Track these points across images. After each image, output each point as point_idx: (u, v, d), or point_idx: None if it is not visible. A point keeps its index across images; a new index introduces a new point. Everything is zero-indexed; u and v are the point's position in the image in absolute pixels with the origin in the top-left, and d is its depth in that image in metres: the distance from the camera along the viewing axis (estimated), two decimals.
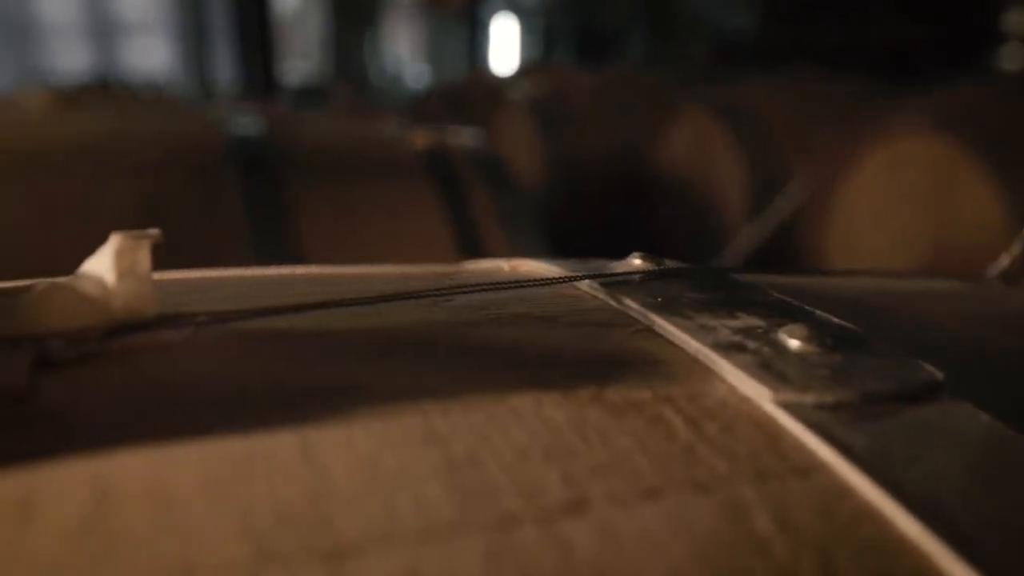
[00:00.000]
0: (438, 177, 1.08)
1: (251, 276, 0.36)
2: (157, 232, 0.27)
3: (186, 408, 0.23)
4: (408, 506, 0.20)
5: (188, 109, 1.37)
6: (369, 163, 1.09)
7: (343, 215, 0.99)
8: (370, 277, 0.36)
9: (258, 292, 0.33)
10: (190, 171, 0.98)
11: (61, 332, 0.25)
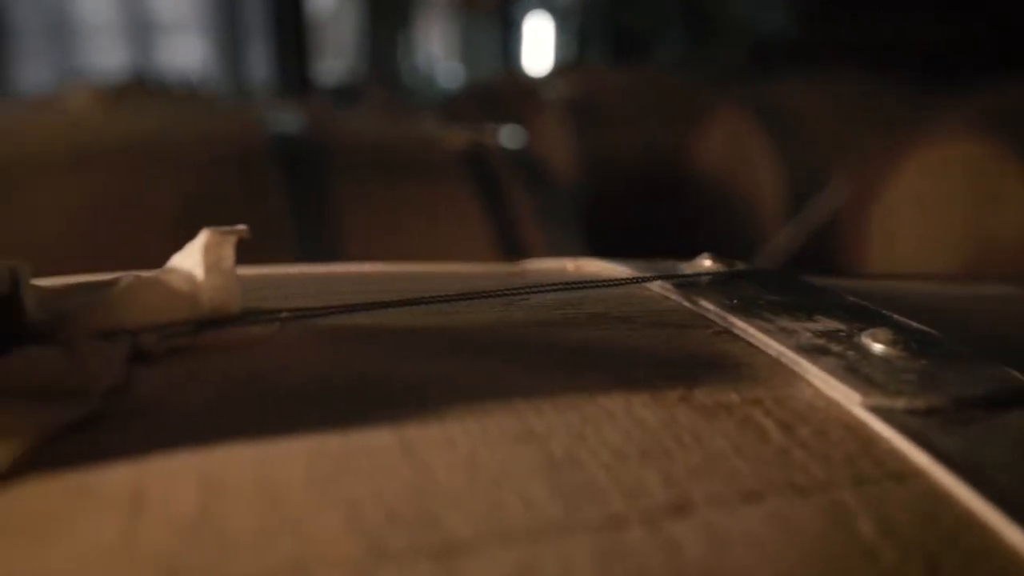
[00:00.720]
0: (477, 176, 1.08)
1: (324, 273, 0.36)
2: (244, 228, 0.27)
3: (282, 404, 0.23)
4: (515, 505, 0.19)
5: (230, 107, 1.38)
6: (409, 162, 1.10)
7: (384, 213, 1.00)
8: (442, 275, 0.36)
9: (333, 289, 0.33)
10: (234, 168, 0.99)
11: (152, 326, 0.25)
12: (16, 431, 0.20)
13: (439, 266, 0.39)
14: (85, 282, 0.29)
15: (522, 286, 0.33)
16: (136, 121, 1.07)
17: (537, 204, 1.08)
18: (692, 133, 1.68)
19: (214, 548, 0.18)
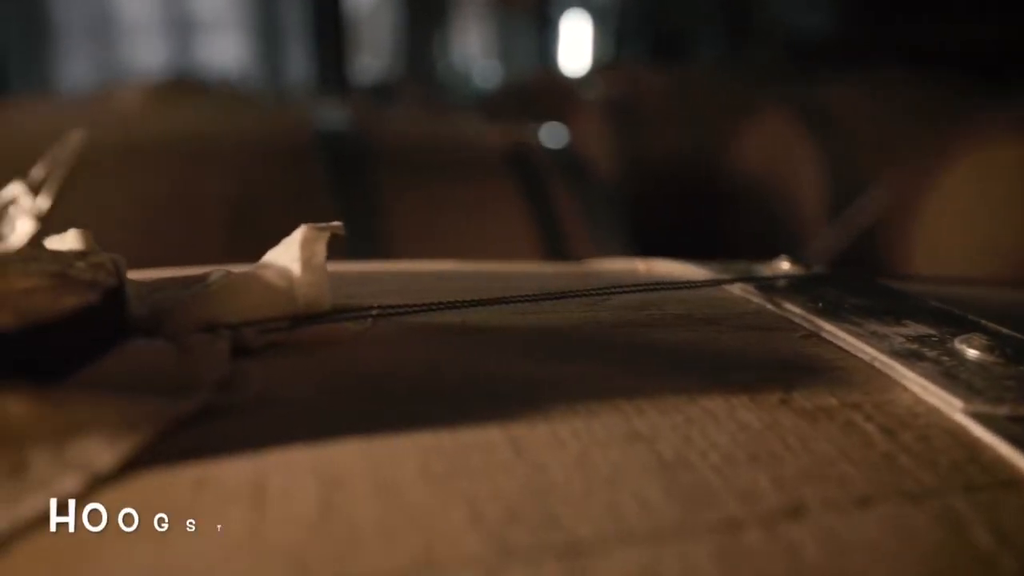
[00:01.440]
0: (521, 175, 1.08)
1: (402, 270, 0.36)
2: (340, 224, 0.28)
3: (389, 400, 0.23)
4: (631, 506, 0.19)
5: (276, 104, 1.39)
6: (453, 160, 1.10)
7: (430, 210, 1.00)
8: (518, 274, 0.36)
9: (415, 286, 0.33)
10: (282, 165, 1.00)
11: (251, 321, 0.25)
12: (134, 424, 0.20)
13: (512, 265, 0.39)
14: (172, 277, 0.29)
15: (601, 287, 0.33)
16: (185, 119, 1.08)
17: (580, 203, 1.08)
18: (732, 134, 1.67)
19: (341, 543, 0.18)
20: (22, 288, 0.23)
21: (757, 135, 1.64)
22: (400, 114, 1.49)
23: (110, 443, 0.20)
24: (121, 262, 0.26)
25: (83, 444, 0.19)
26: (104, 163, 0.96)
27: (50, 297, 0.22)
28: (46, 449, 0.19)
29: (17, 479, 0.19)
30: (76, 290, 0.23)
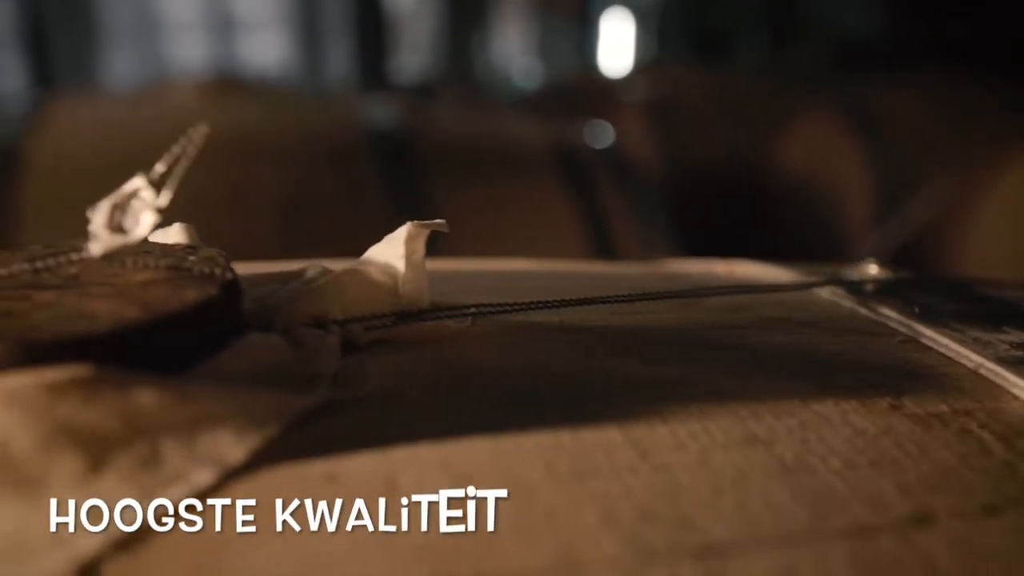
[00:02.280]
0: (568, 174, 1.08)
1: (484, 269, 0.36)
2: (443, 222, 0.28)
3: (505, 397, 0.23)
4: (762, 509, 0.19)
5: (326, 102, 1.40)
6: (501, 158, 1.10)
7: (479, 208, 1.00)
8: (604, 275, 0.36)
9: (504, 285, 0.33)
10: (332, 162, 1.00)
11: (357, 317, 0.26)
12: (260, 418, 0.20)
13: (589, 265, 0.39)
14: (267, 272, 0.30)
15: (693, 288, 0.33)
16: (238, 116, 1.08)
17: (627, 202, 1.08)
18: (776, 135, 1.66)
19: (479, 542, 0.18)
20: (140, 281, 0.23)
21: (801, 136, 1.62)
22: (447, 112, 1.49)
23: (239, 437, 0.20)
24: (226, 256, 0.26)
25: (213, 437, 0.20)
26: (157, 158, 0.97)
27: (170, 290, 0.23)
28: (177, 442, 0.19)
29: (151, 471, 0.19)
30: (194, 283, 0.23)
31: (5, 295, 0.22)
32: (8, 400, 0.19)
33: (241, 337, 0.23)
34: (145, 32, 2.64)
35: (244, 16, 2.61)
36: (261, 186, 0.96)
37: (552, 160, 1.10)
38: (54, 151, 0.98)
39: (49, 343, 0.20)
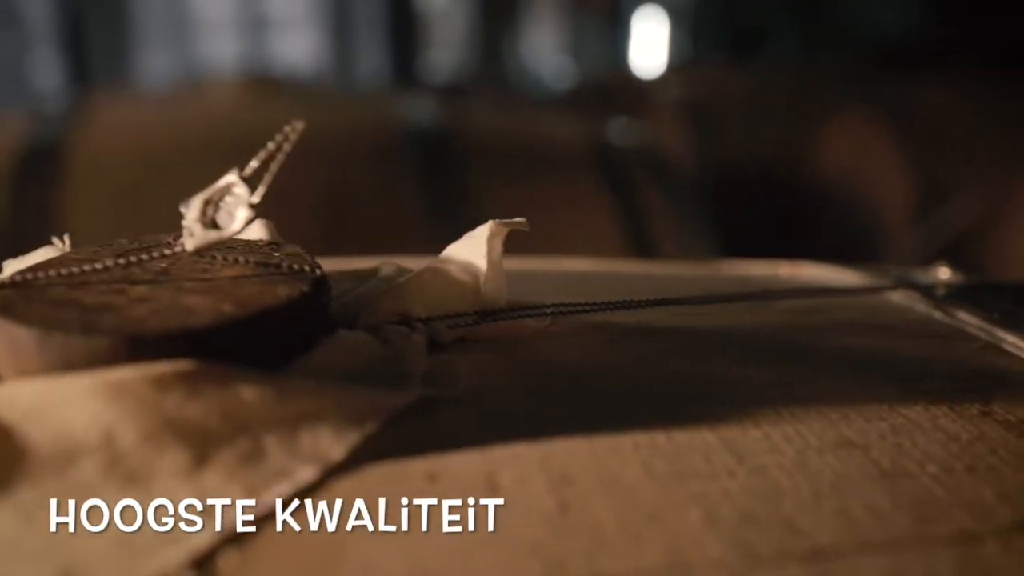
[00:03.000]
0: (606, 172, 1.07)
1: (548, 269, 0.36)
2: (524, 221, 0.28)
3: (595, 398, 0.23)
4: (863, 513, 0.19)
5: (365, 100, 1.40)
6: (539, 157, 1.10)
7: (517, 207, 1.00)
8: (667, 275, 0.36)
9: (571, 284, 0.33)
10: (371, 160, 1.00)
11: (442, 315, 0.26)
12: (359, 416, 0.20)
13: (650, 265, 0.39)
14: (340, 270, 0.30)
15: (766, 290, 0.33)
16: (277, 114, 1.09)
17: (667, 202, 1.07)
18: (812, 136, 1.64)
19: (587, 541, 0.18)
20: (230, 277, 0.24)
21: (838, 136, 1.61)
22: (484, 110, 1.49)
23: (338, 434, 0.20)
24: (311, 253, 0.26)
25: (314, 434, 0.20)
26: (199, 155, 0.98)
27: (261, 286, 0.23)
28: (279, 438, 0.20)
29: (254, 467, 0.19)
30: (285, 280, 0.23)
31: (99, 289, 0.23)
32: (114, 393, 0.19)
33: (331, 334, 0.23)
34: (178, 30, 2.67)
35: (276, 15, 2.62)
36: (302, 184, 0.97)
37: (590, 158, 1.10)
38: (96, 149, 0.99)
39: (152, 337, 0.20)
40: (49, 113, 1.09)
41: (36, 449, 0.19)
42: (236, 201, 0.23)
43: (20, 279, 0.23)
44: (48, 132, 1.00)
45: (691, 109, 1.68)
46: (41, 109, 1.22)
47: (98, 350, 0.20)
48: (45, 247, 0.30)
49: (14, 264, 0.30)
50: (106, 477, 0.19)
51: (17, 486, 0.18)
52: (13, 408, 0.19)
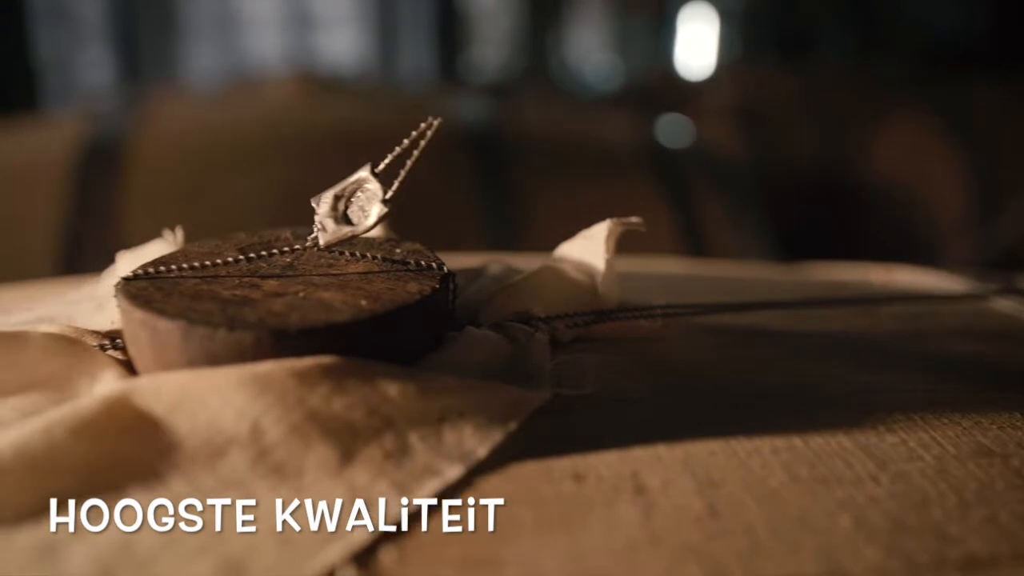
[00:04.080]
0: (661, 173, 1.07)
1: (642, 270, 0.36)
2: (640, 220, 0.27)
3: (725, 400, 0.23)
4: (1013, 522, 0.19)
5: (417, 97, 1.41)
6: (592, 155, 1.09)
7: (572, 206, 1.00)
8: (764, 280, 0.35)
9: (671, 285, 0.33)
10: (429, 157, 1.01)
11: (561, 314, 0.26)
12: (500, 413, 0.20)
13: (740, 268, 0.39)
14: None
15: (872, 295, 0.32)
16: (335, 112, 1.10)
17: (722, 203, 1.06)
18: (866, 138, 1.62)
19: (741, 545, 0.17)
20: (357, 272, 0.24)
21: (892, 138, 1.59)
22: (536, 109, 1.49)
23: (481, 432, 0.20)
24: (432, 249, 0.26)
25: (458, 432, 0.20)
26: (257, 153, 0.99)
27: (392, 282, 0.23)
28: (424, 435, 0.20)
29: (400, 464, 0.19)
30: (414, 276, 0.23)
31: (231, 283, 0.23)
32: (260, 387, 0.19)
33: (458, 331, 0.23)
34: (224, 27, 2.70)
35: (320, 12, 2.64)
36: None
37: (644, 159, 1.09)
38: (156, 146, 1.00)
39: (296, 332, 0.20)
40: (108, 110, 1.10)
41: (185, 442, 0.19)
42: (369, 197, 0.23)
43: (153, 272, 0.23)
44: (108, 129, 1.01)
45: (741, 110, 1.66)
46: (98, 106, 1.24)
47: (243, 344, 0.20)
48: (157, 240, 0.30)
49: (128, 256, 0.30)
50: (255, 471, 0.19)
51: (170, 478, 0.19)
52: (159, 401, 0.20)
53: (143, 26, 2.49)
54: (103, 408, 0.19)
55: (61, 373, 0.22)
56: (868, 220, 1.61)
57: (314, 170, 0.97)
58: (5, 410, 0.21)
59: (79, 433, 0.19)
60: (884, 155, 1.57)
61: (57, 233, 0.91)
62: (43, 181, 0.96)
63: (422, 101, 1.40)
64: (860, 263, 0.40)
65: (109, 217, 0.94)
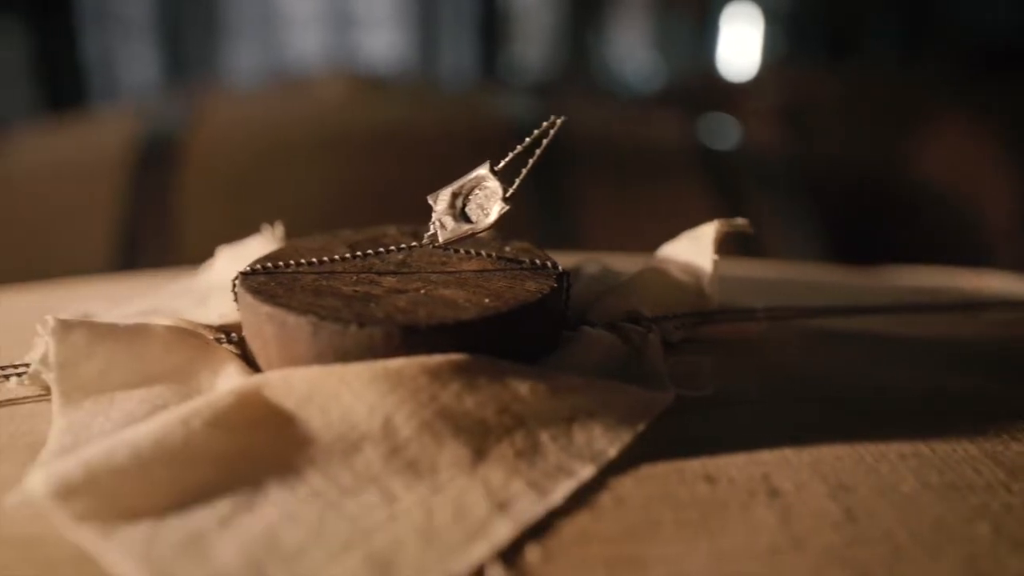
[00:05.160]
0: (710, 174, 1.06)
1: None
2: (747, 221, 0.27)
3: (843, 404, 0.23)
4: None
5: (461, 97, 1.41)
6: (641, 155, 1.09)
7: (622, 206, 0.99)
8: (850, 285, 0.35)
9: (759, 287, 0.33)
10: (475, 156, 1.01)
11: (669, 315, 0.25)
12: (628, 414, 0.20)
13: (829, 272, 0.39)
14: None
15: (970, 300, 0.32)
16: (380, 110, 1.10)
17: (773, 204, 1.06)
18: (915, 139, 1.60)
19: (883, 551, 0.17)
20: (473, 270, 0.24)
21: (940, 141, 1.57)
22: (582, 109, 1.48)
23: (610, 431, 0.20)
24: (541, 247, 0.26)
25: (587, 431, 0.20)
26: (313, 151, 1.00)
27: (510, 280, 0.23)
28: (554, 434, 0.20)
29: (532, 462, 0.19)
30: (531, 274, 0.23)
31: (348, 279, 0.23)
32: (391, 383, 0.19)
33: (572, 331, 0.23)
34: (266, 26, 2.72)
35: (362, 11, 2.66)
36: (413, 179, 0.98)
37: (692, 159, 1.09)
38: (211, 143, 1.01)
39: (426, 329, 0.20)
40: (161, 108, 1.12)
41: (318, 436, 0.19)
42: (488, 195, 0.23)
43: (272, 267, 0.23)
44: (163, 126, 1.02)
45: (786, 111, 1.65)
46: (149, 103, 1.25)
47: (373, 340, 0.20)
48: (257, 235, 0.31)
49: (229, 251, 0.31)
50: (389, 467, 0.19)
51: (306, 472, 0.19)
52: (290, 395, 0.20)
53: (187, 25, 2.52)
54: (236, 401, 0.20)
55: (183, 366, 0.22)
56: (915, 223, 1.59)
57: (366, 169, 0.97)
58: (133, 403, 0.21)
59: (215, 426, 0.19)
60: (932, 157, 1.55)
61: (115, 228, 0.92)
62: (101, 177, 0.97)
63: (470, 100, 1.40)
64: (946, 268, 0.39)
65: (164, 213, 0.96)
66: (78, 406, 0.21)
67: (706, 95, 1.84)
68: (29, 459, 0.20)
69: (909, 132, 1.58)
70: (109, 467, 0.18)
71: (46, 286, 0.41)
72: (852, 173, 1.61)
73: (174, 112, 1.07)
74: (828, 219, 1.56)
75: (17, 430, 0.22)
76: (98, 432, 0.21)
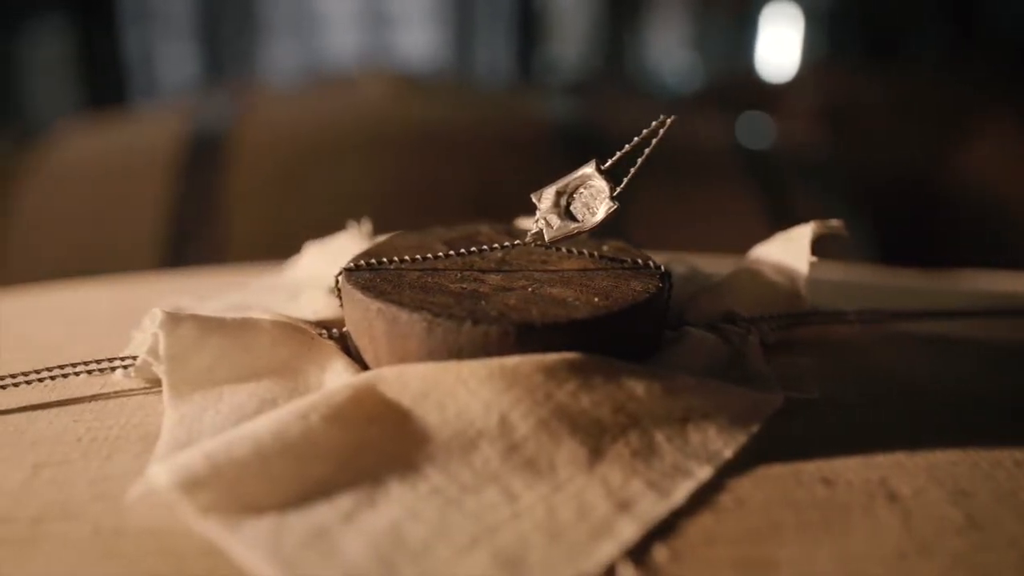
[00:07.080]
0: (755, 174, 1.06)
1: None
2: (842, 223, 0.27)
3: (949, 407, 0.22)
4: None
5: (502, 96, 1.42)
6: (684, 156, 1.08)
7: (667, 208, 0.99)
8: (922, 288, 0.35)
9: (833, 289, 0.33)
10: (518, 155, 1.01)
11: (766, 316, 0.25)
12: (741, 414, 0.20)
13: (897, 275, 0.38)
14: None
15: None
16: (422, 109, 1.11)
17: (820, 206, 1.05)
18: (959, 141, 1.58)
19: (1013, 557, 0.17)
20: (576, 269, 0.24)
21: (984, 143, 1.54)
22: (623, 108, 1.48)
23: (724, 432, 0.20)
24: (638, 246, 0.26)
25: (702, 432, 0.20)
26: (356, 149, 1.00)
27: (615, 280, 0.23)
28: (669, 434, 0.20)
29: (649, 462, 0.19)
30: (634, 274, 0.23)
31: (453, 276, 0.23)
32: (507, 381, 0.20)
33: (675, 331, 0.23)
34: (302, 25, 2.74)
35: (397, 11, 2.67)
36: (454, 179, 0.98)
37: (737, 159, 1.08)
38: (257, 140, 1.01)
39: (541, 327, 0.20)
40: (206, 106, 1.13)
41: (435, 433, 0.19)
42: (594, 193, 0.23)
43: (375, 263, 0.24)
44: (209, 124, 1.03)
45: (828, 111, 1.64)
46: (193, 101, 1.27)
47: (488, 337, 0.20)
48: (345, 232, 0.31)
49: (316, 247, 0.31)
50: (507, 464, 0.19)
51: (426, 469, 0.19)
52: (405, 391, 0.20)
53: (225, 23, 2.54)
54: (352, 397, 0.20)
55: (290, 361, 0.23)
56: (960, 226, 1.57)
57: (409, 168, 0.98)
58: (242, 397, 0.22)
59: (332, 421, 0.19)
60: (976, 159, 1.53)
61: (163, 225, 0.93)
62: (149, 174, 0.98)
63: (508, 100, 1.41)
64: (1013, 272, 0.38)
65: (212, 210, 0.96)
66: (188, 399, 0.22)
67: (745, 95, 1.83)
68: (143, 451, 0.20)
69: (954, 133, 1.56)
70: (231, 460, 0.18)
71: (118, 281, 0.41)
72: (895, 174, 1.59)
73: (219, 110, 1.08)
74: (876, 220, 1.54)
75: (128, 422, 0.22)
76: (209, 425, 0.21)
